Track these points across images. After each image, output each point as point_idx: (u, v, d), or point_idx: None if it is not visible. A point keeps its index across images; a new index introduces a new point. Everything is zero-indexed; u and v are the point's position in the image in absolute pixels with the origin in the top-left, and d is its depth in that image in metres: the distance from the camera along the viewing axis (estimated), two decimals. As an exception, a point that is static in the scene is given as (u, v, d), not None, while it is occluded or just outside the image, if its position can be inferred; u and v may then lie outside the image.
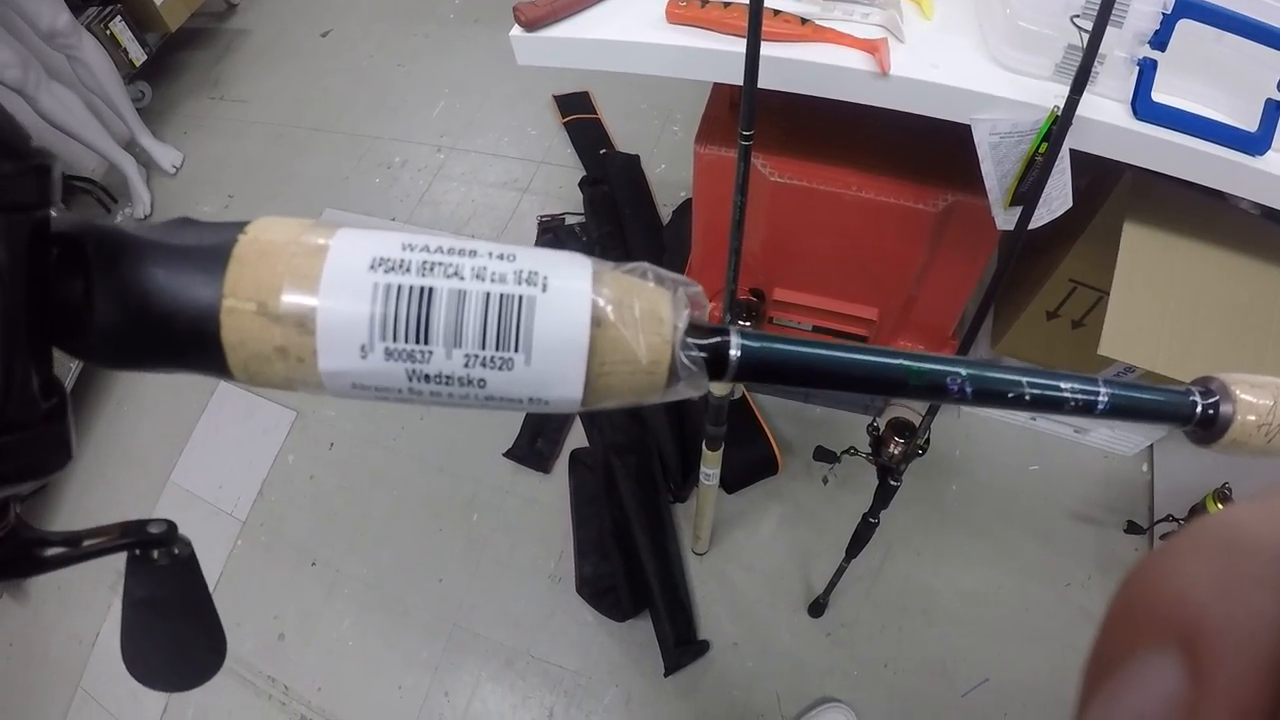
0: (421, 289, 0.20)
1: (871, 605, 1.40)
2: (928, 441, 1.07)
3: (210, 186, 2.17)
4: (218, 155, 2.20)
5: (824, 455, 1.37)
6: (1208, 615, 0.13)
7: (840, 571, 1.25)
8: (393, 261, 0.20)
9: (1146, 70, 0.75)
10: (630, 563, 1.36)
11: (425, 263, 0.21)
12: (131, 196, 2.16)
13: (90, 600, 1.58)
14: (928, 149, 0.97)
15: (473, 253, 0.21)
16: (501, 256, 0.21)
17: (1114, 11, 0.71)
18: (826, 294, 1.14)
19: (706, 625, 1.38)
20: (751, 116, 0.73)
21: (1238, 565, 0.13)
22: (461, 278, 0.20)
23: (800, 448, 1.52)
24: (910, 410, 1.18)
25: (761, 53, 0.80)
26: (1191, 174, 0.80)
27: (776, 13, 0.79)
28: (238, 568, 1.56)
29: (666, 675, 1.31)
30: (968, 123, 0.78)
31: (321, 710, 1.39)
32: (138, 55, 2.29)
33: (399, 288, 0.20)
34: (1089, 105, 0.77)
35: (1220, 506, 1.17)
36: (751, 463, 1.42)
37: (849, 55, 0.78)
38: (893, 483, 1.06)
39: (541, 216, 1.77)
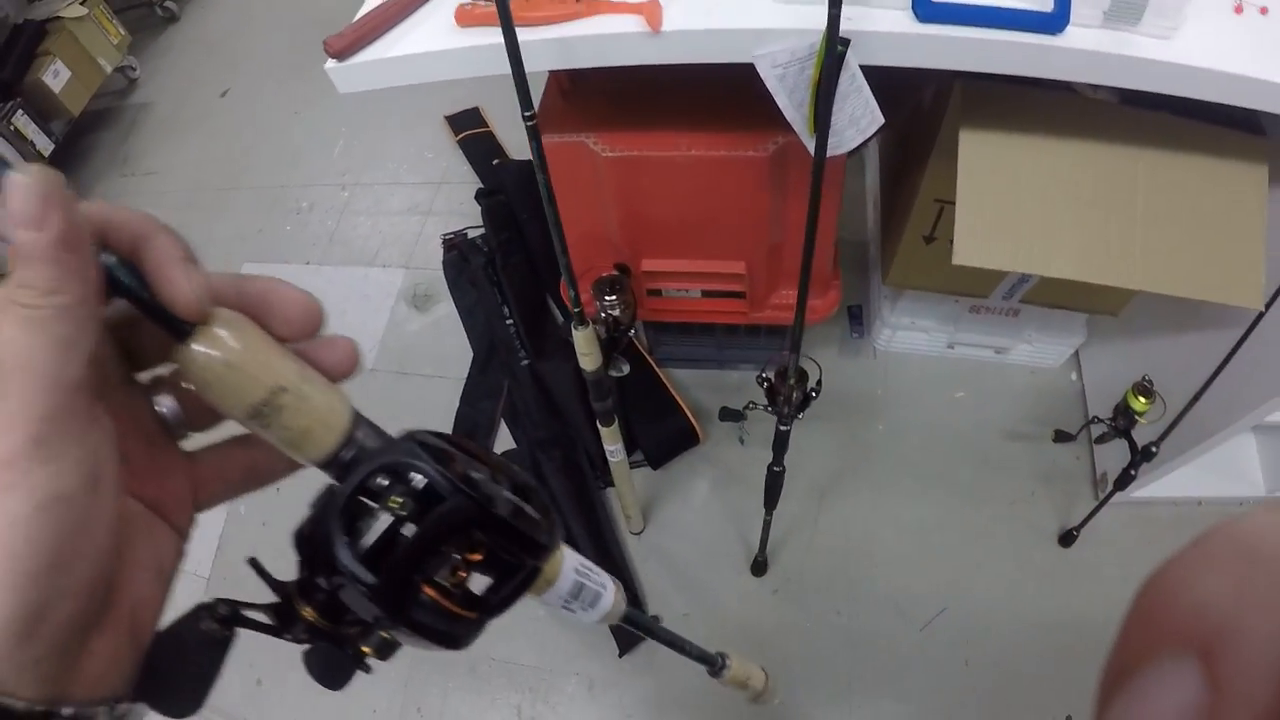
0: (581, 584, 0.43)
1: (814, 556, 1.41)
2: (819, 383, 1.08)
3: (132, 262, 2.19)
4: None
5: (729, 415, 1.39)
6: (1227, 624, 0.12)
7: (766, 525, 1.26)
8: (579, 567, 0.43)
9: None
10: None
11: (582, 570, 0.43)
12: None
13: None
14: (751, 97, 0.98)
15: (594, 571, 0.45)
16: (597, 572, 0.45)
17: None
18: (692, 256, 1.15)
19: (654, 601, 1.39)
20: (527, 98, 0.74)
21: (1257, 573, 0.13)
22: (590, 579, 0.44)
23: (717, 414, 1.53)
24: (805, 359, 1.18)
25: (542, 37, 0.82)
26: (995, 66, 0.79)
27: (551, -3, 0.81)
28: (204, 627, 1.57)
29: (621, 656, 1.32)
30: (751, 61, 0.79)
31: (300, 747, 1.41)
32: (45, 146, 2.31)
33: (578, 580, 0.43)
34: (870, 19, 0.78)
35: (1143, 400, 1.16)
36: (671, 435, 1.43)
37: (622, 21, 0.79)
38: (782, 428, 1.07)
39: (445, 235, 1.79)
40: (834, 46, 0.71)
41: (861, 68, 0.79)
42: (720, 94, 1.01)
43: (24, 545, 0.21)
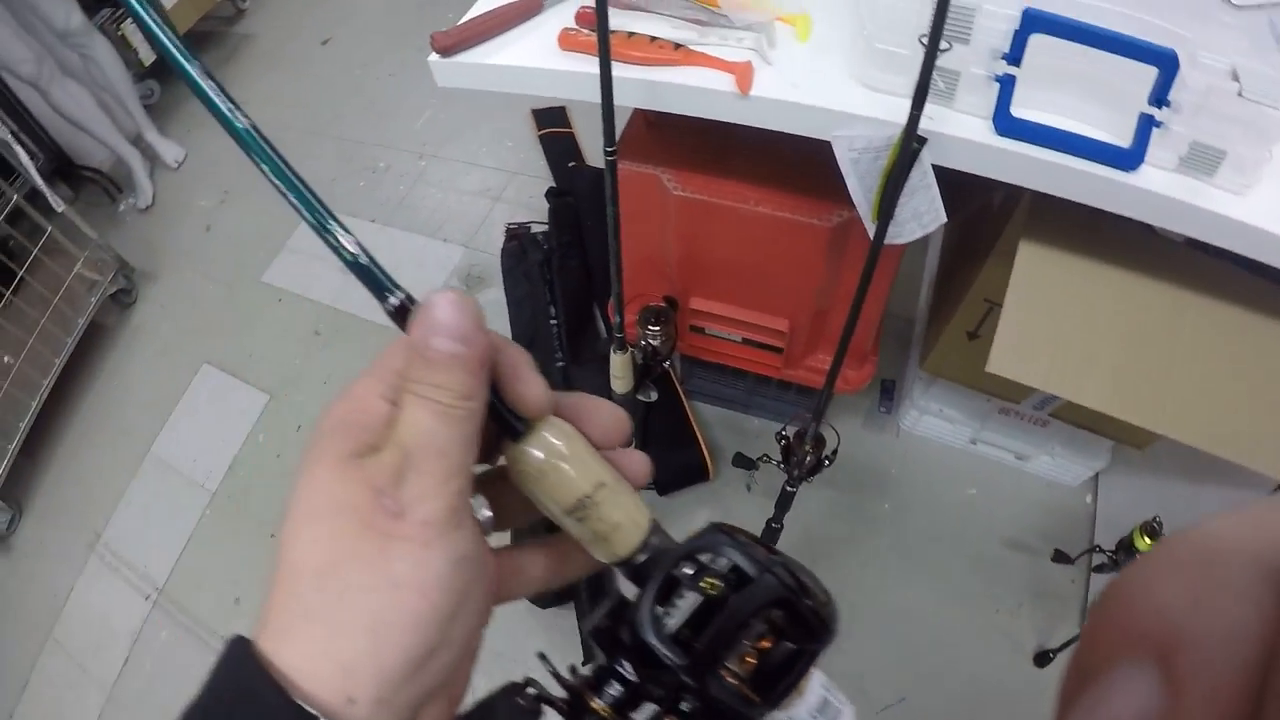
0: (825, 699, 0.35)
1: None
2: (834, 453, 1.09)
3: (209, 182, 2.28)
4: (217, 153, 2.30)
5: (742, 462, 1.40)
6: (1184, 628, 0.13)
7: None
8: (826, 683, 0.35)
9: (1005, 85, 0.75)
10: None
11: (828, 685, 0.36)
12: (135, 188, 2.28)
13: (69, 555, 1.66)
14: (824, 168, 1.00)
15: (836, 690, 0.36)
16: (839, 691, 0.37)
17: (962, 29, 0.74)
18: (740, 304, 1.18)
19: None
20: (612, 133, 0.77)
21: (1213, 576, 0.13)
22: (833, 695, 0.36)
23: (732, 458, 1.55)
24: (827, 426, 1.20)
25: (636, 76, 0.85)
26: (1063, 190, 0.80)
27: (653, 39, 0.84)
28: (204, 535, 1.65)
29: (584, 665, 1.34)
30: (829, 139, 0.81)
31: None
32: (147, 55, 2.41)
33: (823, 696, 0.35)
34: (951, 122, 0.79)
35: (1148, 541, 1.16)
36: (683, 466, 1.45)
37: (715, 77, 0.82)
38: (789, 488, 1.09)
39: (509, 224, 1.83)
40: (910, 144, 0.73)
41: (934, 166, 0.81)
42: (795, 158, 1.03)
43: (439, 594, 0.24)
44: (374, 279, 0.26)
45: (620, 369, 1.01)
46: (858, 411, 1.61)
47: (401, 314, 0.25)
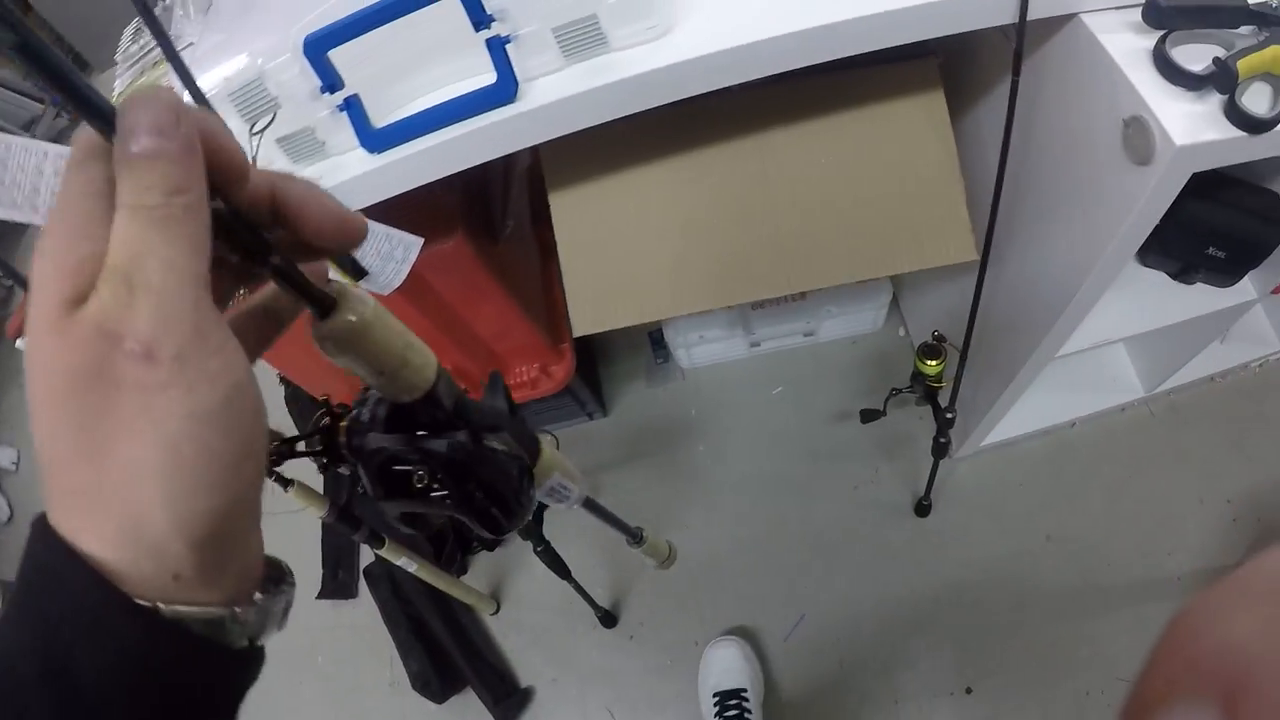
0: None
1: (660, 595, 1.42)
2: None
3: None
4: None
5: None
6: (1252, 669, 0.12)
7: (578, 588, 1.28)
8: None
9: (352, 108, 0.74)
10: (433, 647, 1.44)
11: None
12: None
13: None
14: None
15: None
16: None
17: (262, 101, 0.72)
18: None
19: (524, 673, 1.44)
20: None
21: None
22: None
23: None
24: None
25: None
26: (470, 159, 0.77)
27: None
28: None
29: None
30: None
31: None
32: None
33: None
34: (337, 170, 0.78)
35: (930, 363, 1.07)
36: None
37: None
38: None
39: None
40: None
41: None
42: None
43: (220, 440, 0.21)
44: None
45: (302, 499, 0.98)
46: (636, 374, 1.58)
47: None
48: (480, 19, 0.69)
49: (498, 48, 0.70)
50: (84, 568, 0.20)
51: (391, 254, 0.50)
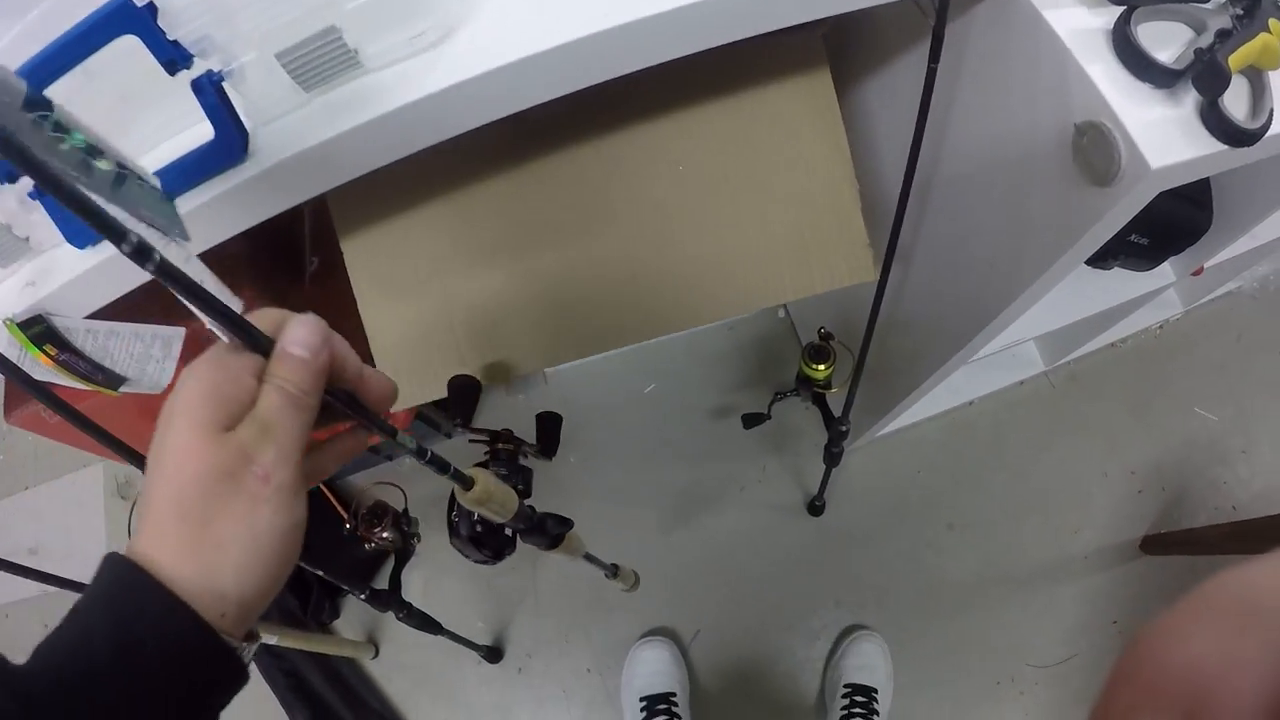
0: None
1: (544, 622, 1.33)
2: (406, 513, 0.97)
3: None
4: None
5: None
6: (1214, 687, 0.12)
7: (449, 634, 1.18)
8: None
9: (45, 196, 0.60)
10: (316, 703, 1.36)
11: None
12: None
13: None
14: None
15: None
16: None
17: None
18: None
19: (414, 717, 1.36)
20: None
21: (1249, 631, 0.12)
22: None
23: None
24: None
25: None
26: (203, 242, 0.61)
27: None
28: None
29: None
30: None
31: None
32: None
33: None
34: (49, 271, 0.61)
35: (819, 367, 0.93)
36: (358, 560, 1.37)
37: None
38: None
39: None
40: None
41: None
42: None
43: (286, 546, 0.32)
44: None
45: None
46: (497, 387, 1.48)
47: (140, 254, 0.27)
48: (173, 57, 0.49)
49: (207, 90, 0.52)
50: (163, 586, 0.29)
51: (149, 354, 0.49)
